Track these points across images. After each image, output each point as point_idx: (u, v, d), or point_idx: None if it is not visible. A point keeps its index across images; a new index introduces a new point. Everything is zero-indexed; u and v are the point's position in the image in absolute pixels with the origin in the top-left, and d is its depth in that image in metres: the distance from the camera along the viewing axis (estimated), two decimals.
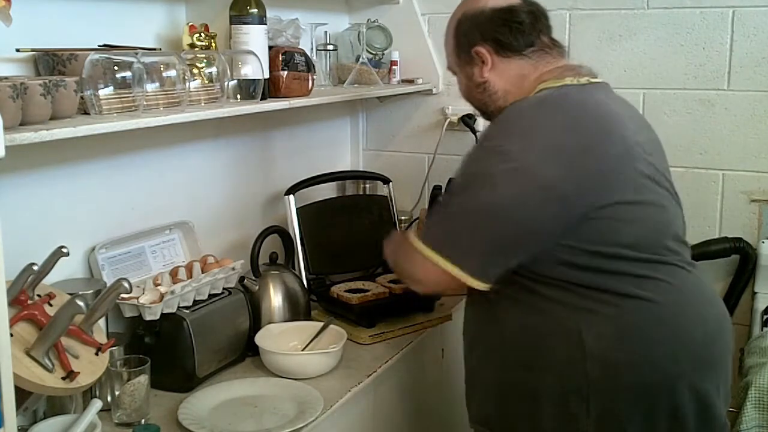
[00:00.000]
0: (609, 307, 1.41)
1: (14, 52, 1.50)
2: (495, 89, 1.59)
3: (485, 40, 1.57)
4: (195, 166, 2.06)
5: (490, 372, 1.55)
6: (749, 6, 2.20)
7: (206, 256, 1.92)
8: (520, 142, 1.41)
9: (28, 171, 1.60)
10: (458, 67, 1.66)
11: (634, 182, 1.44)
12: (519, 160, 1.38)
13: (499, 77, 1.58)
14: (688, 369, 1.43)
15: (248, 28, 1.80)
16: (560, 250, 1.41)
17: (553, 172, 1.37)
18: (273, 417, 1.60)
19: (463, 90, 1.68)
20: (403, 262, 1.56)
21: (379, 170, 2.52)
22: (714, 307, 1.53)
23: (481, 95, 1.62)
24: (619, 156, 1.43)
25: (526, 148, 1.40)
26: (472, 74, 1.61)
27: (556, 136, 1.41)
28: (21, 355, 1.31)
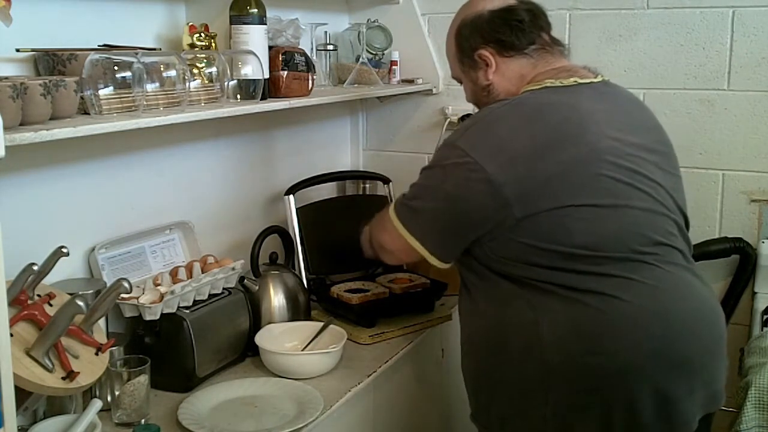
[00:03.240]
0: (566, 301, 1.45)
1: (14, 52, 1.50)
2: (498, 91, 1.63)
3: (487, 43, 1.61)
4: (195, 166, 2.06)
5: (469, 362, 1.64)
6: (749, 6, 2.20)
7: (206, 256, 1.92)
8: (473, 141, 1.49)
9: (28, 171, 1.60)
10: (463, 74, 1.69)
11: (591, 186, 1.46)
12: (469, 156, 1.46)
13: (502, 78, 1.62)
14: (647, 364, 1.43)
15: (248, 28, 1.79)
16: (518, 248, 1.47)
17: (497, 171, 1.44)
18: (273, 417, 1.60)
19: (470, 95, 1.72)
20: (377, 230, 1.69)
21: (379, 170, 2.52)
22: (690, 303, 1.51)
23: (487, 98, 1.65)
24: (575, 160, 1.46)
25: (477, 146, 1.47)
26: (476, 78, 1.65)
27: (508, 138, 1.48)
28: (21, 355, 1.31)
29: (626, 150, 1.51)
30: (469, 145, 1.49)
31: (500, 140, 1.48)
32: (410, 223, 1.57)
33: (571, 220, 1.45)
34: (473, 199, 1.48)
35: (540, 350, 1.45)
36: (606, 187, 1.47)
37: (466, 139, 1.51)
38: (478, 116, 1.58)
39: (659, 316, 1.45)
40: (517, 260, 1.48)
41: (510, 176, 1.44)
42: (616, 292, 1.44)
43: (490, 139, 1.49)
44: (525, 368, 1.48)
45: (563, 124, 1.50)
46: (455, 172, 1.49)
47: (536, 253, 1.46)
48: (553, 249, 1.45)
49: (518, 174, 1.44)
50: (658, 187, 1.53)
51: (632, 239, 1.48)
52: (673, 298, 1.49)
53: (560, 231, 1.45)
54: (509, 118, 1.52)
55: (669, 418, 1.45)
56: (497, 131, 1.50)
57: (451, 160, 1.50)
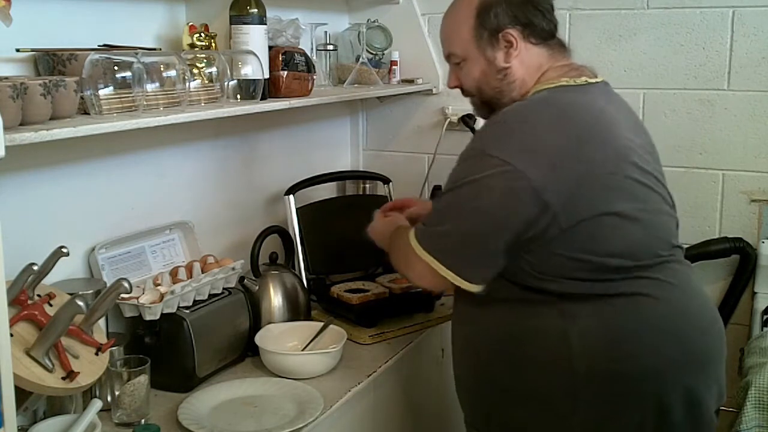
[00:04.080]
0: (597, 307, 1.42)
1: (14, 52, 1.50)
2: (515, 77, 1.54)
3: (516, 24, 1.52)
4: (195, 166, 2.06)
5: (467, 370, 1.58)
6: (749, 6, 2.20)
7: (206, 256, 1.92)
8: (508, 146, 1.40)
9: (28, 171, 1.60)
10: (476, 51, 1.56)
11: (620, 190, 1.43)
12: (508, 164, 1.37)
13: (521, 65, 1.54)
14: (677, 364, 1.43)
15: (248, 28, 1.79)
16: (555, 260, 1.41)
17: (539, 177, 1.36)
18: (273, 417, 1.60)
19: (475, 77, 1.58)
20: (402, 267, 1.57)
21: (379, 170, 2.52)
22: (704, 301, 1.54)
23: (500, 83, 1.55)
24: (604, 163, 1.42)
25: (513, 152, 1.39)
26: (494, 58, 1.54)
27: (543, 140, 1.40)
28: (21, 355, 1.31)
29: (638, 151, 1.48)
30: (505, 152, 1.39)
31: (536, 142, 1.40)
32: (439, 251, 1.44)
33: (607, 229, 1.41)
34: (518, 211, 1.38)
35: (568, 360, 1.41)
36: (632, 192, 1.44)
37: (498, 145, 1.41)
38: (502, 119, 1.47)
39: (683, 315, 1.46)
40: (551, 273, 1.42)
41: (552, 181, 1.37)
42: (646, 290, 1.43)
43: (525, 142, 1.41)
44: (549, 379, 1.43)
45: (590, 124, 1.45)
46: (493, 183, 1.38)
47: (572, 265, 1.40)
48: (588, 259, 1.40)
49: (559, 178, 1.37)
50: (663, 186, 1.53)
51: (656, 244, 1.47)
52: (690, 296, 1.50)
53: (597, 240, 1.40)
54: (540, 119, 1.44)
55: (696, 417, 1.45)
56: (532, 133, 1.42)
57: (486, 171, 1.39)
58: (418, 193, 2.61)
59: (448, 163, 2.52)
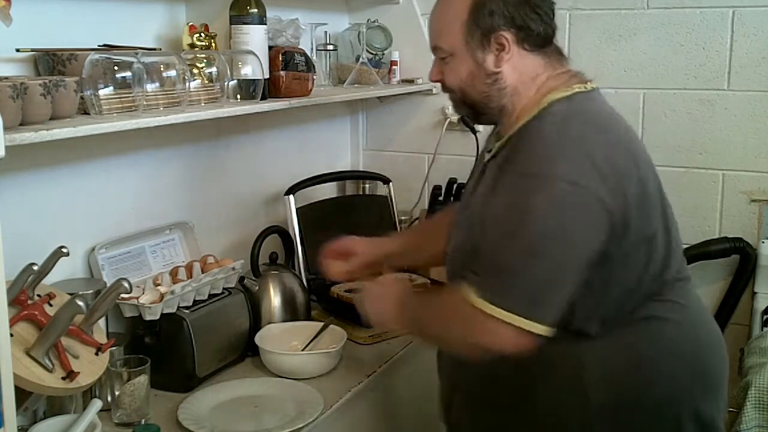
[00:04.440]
0: (614, 333, 1.36)
1: (14, 52, 1.50)
2: (506, 83, 1.42)
3: (511, 27, 1.39)
4: (195, 166, 2.05)
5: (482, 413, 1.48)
6: (749, 6, 2.20)
7: (206, 256, 1.92)
8: (570, 164, 1.28)
9: (28, 171, 1.60)
10: (465, 49, 1.42)
11: (654, 208, 1.38)
12: (575, 185, 1.26)
13: (513, 71, 1.41)
14: (692, 389, 1.40)
15: (248, 28, 1.80)
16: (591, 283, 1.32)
17: (608, 196, 1.27)
18: (273, 417, 1.60)
19: (461, 77, 1.45)
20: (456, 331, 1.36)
21: (379, 170, 2.52)
22: (711, 320, 1.51)
23: (488, 87, 1.43)
24: (645, 179, 1.36)
25: (578, 170, 1.27)
26: (483, 61, 1.41)
27: (600, 154, 1.30)
28: (21, 355, 1.31)
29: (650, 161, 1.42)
30: (570, 170, 1.26)
31: (596, 159, 1.28)
32: (523, 303, 1.27)
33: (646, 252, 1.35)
34: (595, 235, 1.28)
35: (582, 390, 1.35)
36: (659, 208, 1.38)
37: (557, 164, 1.27)
38: (546, 137, 1.33)
39: (696, 338, 1.43)
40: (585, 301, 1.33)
41: (618, 201, 1.28)
42: (663, 314, 1.38)
43: (583, 157, 1.28)
44: (561, 409, 1.37)
45: (626, 136, 1.38)
46: (566, 208, 1.26)
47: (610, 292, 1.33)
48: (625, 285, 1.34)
49: (622, 198, 1.29)
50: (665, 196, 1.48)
51: (676, 262, 1.42)
52: (700, 317, 1.47)
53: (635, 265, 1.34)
54: (588, 132, 1.33)
55: None
56: (589, 149, 1.30)
57: (554, 196, 1.25)
58: (418, 194, 2.61)
59: (448, 163, 2.57)
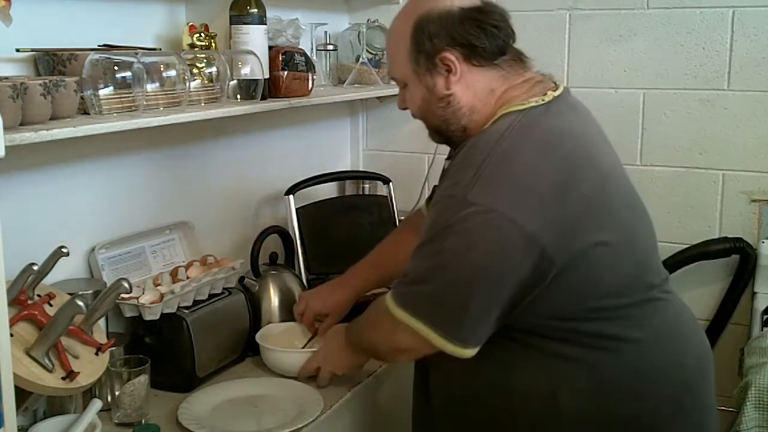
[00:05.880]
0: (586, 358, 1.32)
1: (14, 52, 1.50)
2: (460, 104, 1.38)
3: (454, 46, 1.35)
4: (195, 166, 2.05)
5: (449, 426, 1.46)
6: (749, 6, 2.20)
7: (206, 256, 1.92)
8: (493, 189, 1.26)
9: (28, 171, 1.60)
10: (414, 77, 1.40)
11: (608, 219, 1.32)
12: (494, 210, 1.24)
13: (466, 90, 1.37)
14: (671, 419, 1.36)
15: (248, 28, 1.80)
16: (547, 306, 1.30)
17: (530, 220, 1.24)
18: (273, 417, 1.60)
19: (418, 104, 1.43)
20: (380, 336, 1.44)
21: (379, 170, 2.52)
22: (696, 335, 1.46)
23: (443, 111, 1.39)
24: (595, 192, 1.31)
25: (500, 195, 1.25)
26: (433, 85, 1.38)
27: (529, 178, 1.27)
28: (21, 355, 1.31)
29: (616, 169, 1.39)
30: (488, 196, 1.25)
31: (520, 181, 1.26)
32: (426, 312, 1.30)
33: (599, 265, 1.29)
34: (510, 262, 1.24)
35: (557, 423, 1.33)
36: (619, 219, 1.34)
37: (479, 189, 1.25)
38: (476, 157, 1.30)
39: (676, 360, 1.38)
40: (542, 318, 1.31)
41: (543, 223, 1.24)
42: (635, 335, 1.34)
43: (509, 182, 1.26)
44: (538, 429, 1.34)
45: (573, 152, 1.32)
46: (479, 233, 1.24)
47: (564, 310, 1.30)
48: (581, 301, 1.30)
49: (549, 218, 1.25)
50: (641, 203, 1.44)
51: (648, 270, 1.38)
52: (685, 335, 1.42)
53: (590, 278, 1.29)
54: (521, 153, 1.29)
55: None
56: (514, 170, 1.27)
57: (469, 221, 1.24)
58: (418, 194, 2.61)
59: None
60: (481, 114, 1.38)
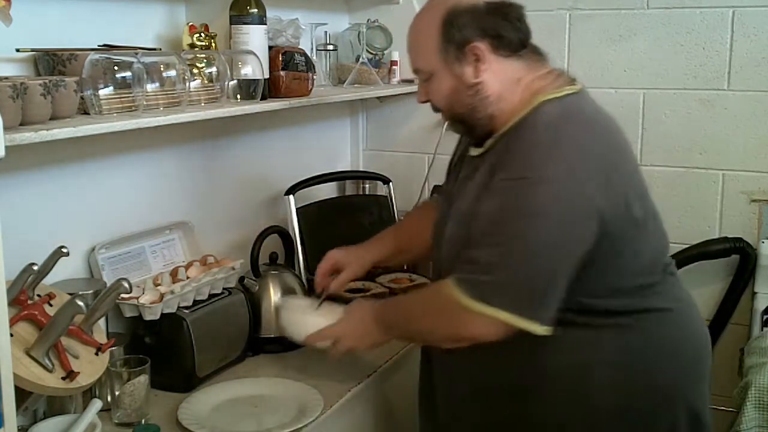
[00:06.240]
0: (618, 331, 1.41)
1: (14, 52, 1.50)
2: (488, 92, 1.44)
3: (483, 36, 1.42)
4: (195, 166, 2.05)
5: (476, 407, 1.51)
6: (749, 6, 2.20)
7: (206, 256, 1.92)
8: (564, 165, 1.32)
9: (28, 171, 1.60)
10: (443, 66, 1.46)
11: (646, 199, 1.44)
12: (568, 186, 1.31)
13: (493, 78, 1.44)
14: (686, 387, 1.46)
15: (248, 28, 1.80)
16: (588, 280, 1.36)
17: (597, 193, 1.32)
18: (273, 417, 1.60)
19: (444, 94, 1.48)
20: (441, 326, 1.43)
21: (379, 170, 2.52)
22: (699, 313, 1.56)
23: (472, 99, 1.45)
24: (633, 173, 1.44)
25: (572, 171, 1.32)
26: (462, 74, 1.45)
27: (591, 154, 1.35)
28: (21, 355, 1.31)
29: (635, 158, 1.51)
30: (561, 172, 1.31)
31: (585, 157, 1.34)
32: (508, 300, 1.32)
33: (640, 240, 1.40)
34: (581, 234, 1.32)
35: (588, 395, 1.40)
36: (649, 200, 1.45)
37: (552, 166, 1.32)
38: (537, 138, 1.37)
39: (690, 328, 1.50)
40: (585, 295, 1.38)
41: (605, 196, 1.33)
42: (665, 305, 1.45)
43: (575, 158, 1.33)
44: (566, 414, 1.41)
45: (616, 135, 1.43)
46: (554, 209, 1.31)
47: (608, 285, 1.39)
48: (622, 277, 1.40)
49: (610, 192, 1.34)
50: None
51: (665, 252, 1.50)
52: (693, 313, 1.53)
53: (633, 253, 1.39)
54: (581, 132, 1.38)
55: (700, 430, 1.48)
56: (579, 148, 1.35)
57: (542, 197, 1.31)
58: (418, 194, 2.61)
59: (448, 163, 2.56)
60: (509, 102, 1.45)
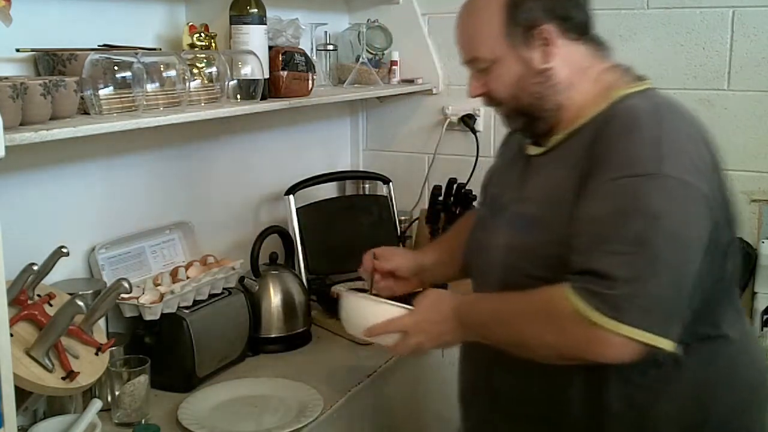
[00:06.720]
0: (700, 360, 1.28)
1: (14, 52, 1.50)
2: (558, 79, 1.33)
3: (551, 18, 1.31)
4: (195, 166, 2.06)
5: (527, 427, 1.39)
6: (749, 6, 2.20)
7: (206, 256, 1.92)
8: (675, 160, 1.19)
9: (28, 171, 1.60)
10: (509, 52, 1.32)
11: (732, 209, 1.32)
12: (689, 183, 1.19)
13: (563, 64, 1.32)
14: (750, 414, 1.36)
15: (248, 28, 1.80)
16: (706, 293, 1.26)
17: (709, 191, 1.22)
18: (273, 417, 1.60)
19: (509, 82, 1.34)
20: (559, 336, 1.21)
21: (379, 170, 2.52)
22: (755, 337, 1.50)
23: (540, 86, 1.33)
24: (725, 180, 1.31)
25: (687, 167, 1.20)
26: (530, 60, 1.32)
27: (699, 151, 1.24)
28: (21, 355, 1.31)
29: None
30: (678, 168, 1.18)
31: (695, 154, 1.23)
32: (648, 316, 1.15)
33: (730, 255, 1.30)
34: (703, 238, 1.20)
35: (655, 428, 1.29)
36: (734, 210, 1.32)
37: (670, 162, 1.19)
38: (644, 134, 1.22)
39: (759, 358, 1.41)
40: None
41: (714, 195, 1.23)
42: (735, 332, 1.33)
43: (688, 154, 1.21)
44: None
45: (708, 134, 1.30)
46: (673, 209, 1.17)
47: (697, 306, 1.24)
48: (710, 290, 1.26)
49: (718, 194, 1.25)
50: None
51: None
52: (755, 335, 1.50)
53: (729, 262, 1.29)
54: (685, 126, 1.26)
55: None
56: (690, 141, 1.24)
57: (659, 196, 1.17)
58: (418, 194, 2.61)
59: (448, 163, 2.57)
60: (578, 92, 1.34)
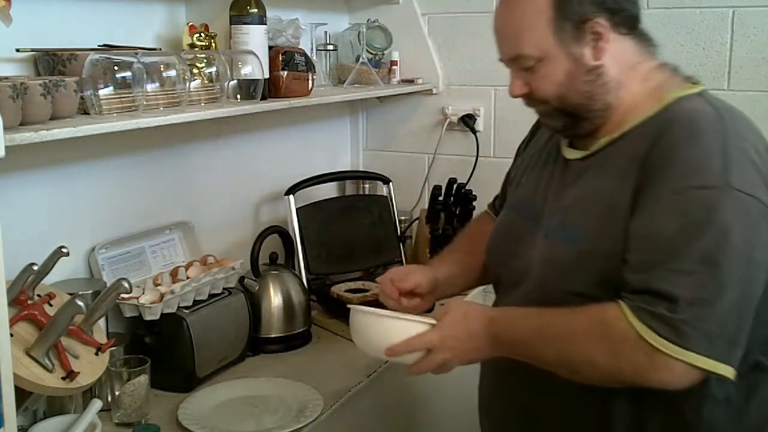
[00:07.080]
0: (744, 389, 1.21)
1: (14, 52, 1.50)
2: (609, 77, 1.25)
3: (602, 11, 1.22)
4: (195, 166, 2.06)
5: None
6: (749, 6, 2.20)
7: (206, 256, 1.92)
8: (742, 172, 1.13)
9: (28, 171, 1.60)
10: (559, 48, 1.24)
11: None
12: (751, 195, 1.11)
13: (614, 61, 1.25)
14: None
15: (248, 28, 1.80)
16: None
17: None
18: (273, 417, 1.60)
19: (558, 80, 1.25)
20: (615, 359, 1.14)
21: (379, 170, 2.52)
22: None
23: (590, 85, 1.25)
24: None
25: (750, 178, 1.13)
26: (581, 56, 1.24)
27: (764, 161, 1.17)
28: (21, 355, 1.31)
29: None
30: (746, 180, 1.11)
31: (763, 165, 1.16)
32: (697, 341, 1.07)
33: None
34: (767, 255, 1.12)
35: None
36: None
37: (738, 173, 1.11)
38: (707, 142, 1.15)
39: None
40: None
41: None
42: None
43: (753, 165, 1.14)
44: None
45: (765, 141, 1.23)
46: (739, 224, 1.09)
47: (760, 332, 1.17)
48: None
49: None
50: None
51: None
52: None
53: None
54: (748, 134, 1.19)
55: None
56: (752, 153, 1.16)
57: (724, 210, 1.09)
58: (418, 194, 2.61)
59: (448, 163, 2.57)
60: (629, 91, 1.27)
